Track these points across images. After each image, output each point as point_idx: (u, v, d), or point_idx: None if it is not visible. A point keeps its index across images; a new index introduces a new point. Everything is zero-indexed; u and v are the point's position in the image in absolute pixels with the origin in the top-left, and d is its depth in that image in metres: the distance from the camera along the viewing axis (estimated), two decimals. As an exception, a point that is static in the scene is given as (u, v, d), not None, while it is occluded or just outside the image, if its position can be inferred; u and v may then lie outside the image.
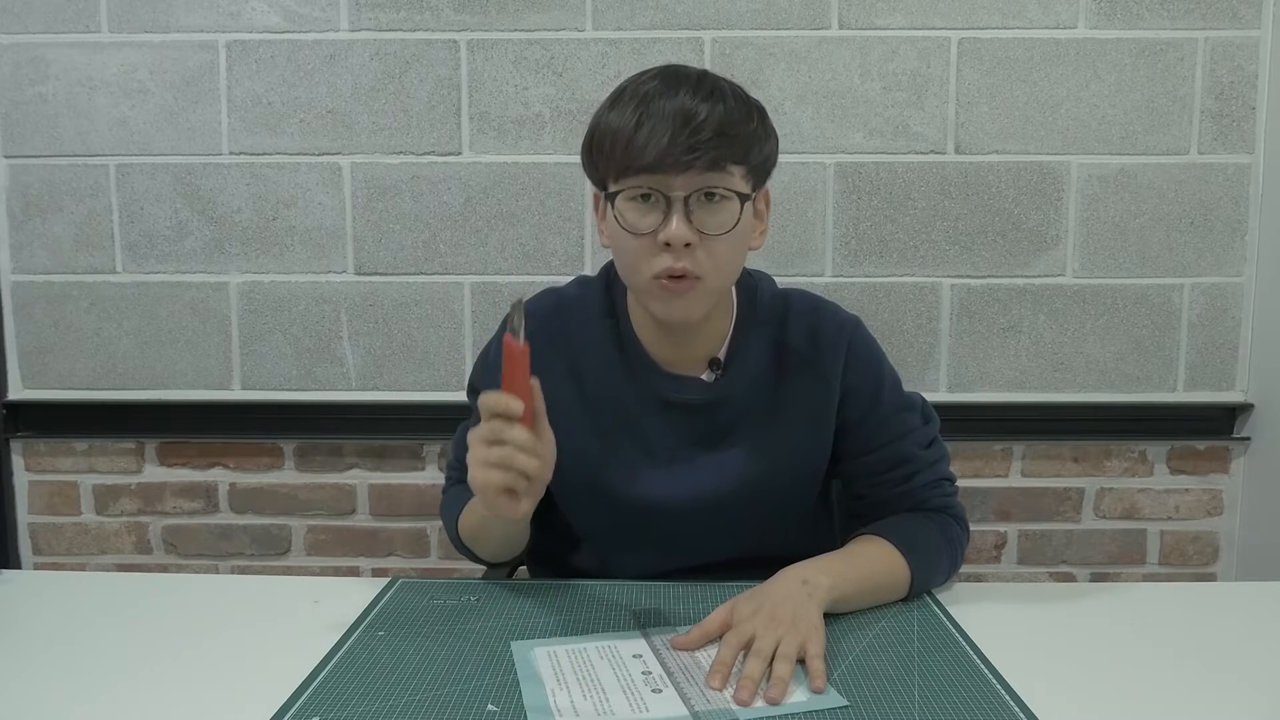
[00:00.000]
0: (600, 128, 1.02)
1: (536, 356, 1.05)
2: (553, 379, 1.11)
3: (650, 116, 0.97)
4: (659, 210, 0.99)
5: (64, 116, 1.90)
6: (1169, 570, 2.00)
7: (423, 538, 2.01)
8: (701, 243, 0.99)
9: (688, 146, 0.95)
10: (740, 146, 0.99)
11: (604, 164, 1.01)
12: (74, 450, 2.00)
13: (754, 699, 0.82)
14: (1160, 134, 1.88)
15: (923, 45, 1.86)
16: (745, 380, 1.11)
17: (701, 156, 0.96)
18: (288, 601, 1.06)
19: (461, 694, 0.83)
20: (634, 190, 0.99)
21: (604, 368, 1.12)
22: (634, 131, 0.97)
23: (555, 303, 1.16)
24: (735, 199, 1.00)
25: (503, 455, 0.88)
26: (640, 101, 0.98)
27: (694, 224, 0.98)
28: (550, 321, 1.13)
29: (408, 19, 1.87)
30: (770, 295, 1.15)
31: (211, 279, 1.94)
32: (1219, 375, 1.94)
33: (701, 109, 0.97)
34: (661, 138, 0.96)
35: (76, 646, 0.95)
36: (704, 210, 0.99)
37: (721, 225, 0.99)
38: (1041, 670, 0.89)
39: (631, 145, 0.97)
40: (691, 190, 0.98)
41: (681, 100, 0.97)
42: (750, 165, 1.01)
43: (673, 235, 0.97)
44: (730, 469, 1.11)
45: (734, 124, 0.98)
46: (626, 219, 1.00)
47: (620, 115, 0.99)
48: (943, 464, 1.15)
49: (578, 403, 1.12)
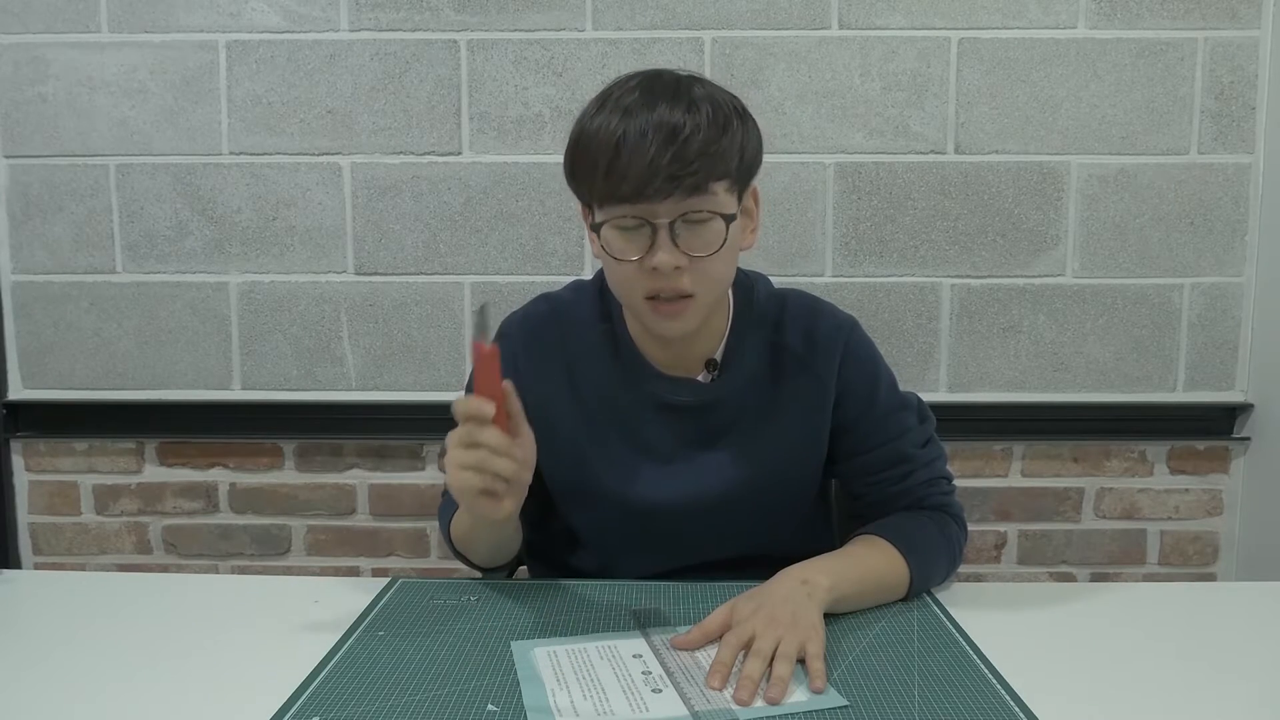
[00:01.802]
0: (580, 144, 1.00)
1: (533, 362, 1.05)
2: (550, 384, 1.11)
3: (628, 137, 0.95)
4: (645, 236, 0.98)
5: (64, 116, 1.90)
6: (1169, 570, 2.00)
7: (423, 538, 2.01)
8: (691, 264, 0.99)
9: (668, 175, 0.94)
10: (722, 163, 0.97)
11: (586, 189, 1.01)
12: (74, 450, 2.00)
13: (754, 699, 0.82)
14: (1160, 134, 1.88)
15: (923, 45, 1.86)
16: (742, 381, 1.11)
17: (683, 182, 0.95)
18: (288, 601, 1.06)
19: (461, 694, 0.83)
20: (618, 219, 0.98)
21: (600, 371, 1.12)
22: (613, 157, 0.95)
23: (550, 308, 1.15)
24: (721, 219, 0.99)
25: (478, 458, 0.89)
26: (620, 118, 0.96)
27: (681, 247, 0.98)
28: (545, 327, 1.14)
29: (408, 19, 1.87)
30: (766, 296, 1.15)
31: (211, 279, 1.94)
32: (1219, 375, 1.94)
33: (682, 127, 0.95)
34: (641, 164, 0.94)
35: (76, 646, 0.95)
36: (690, 233, 0.98)
37: (708, 246, 0.99)
38: (1041, 670, 0.89)
39: (611, 173, 0.96)
40: (675, 215, 0.97)
41: (660, 116, 0.95)
42: (734, 176, 1.00)
43: (660, 262, 0.97)
44: (728, 469, 1.11)
45: (714, 140, 0.96)
46: (614, 246, 1.00)
47: (598, 131, 0.97)
48: (939, 463, 1.15)
49: (575, 406, 1.12)
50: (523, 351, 1.12)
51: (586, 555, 1.18)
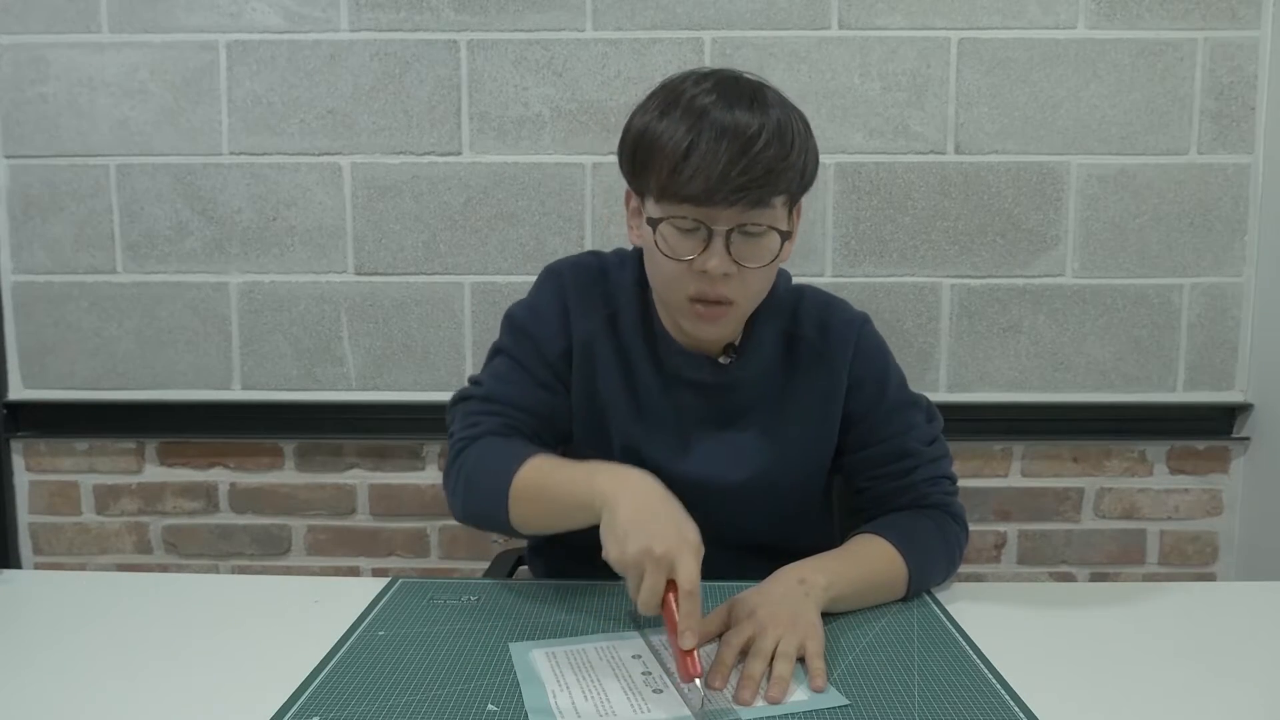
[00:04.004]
0: (646, 137, 1.00)
1: (582, 303, 1.10)
2: (594, 325, 1.13)
3: (701, 142, 0.95)
4: (700, 238, 0.99)
5: (64, 116, 1.90)
6: (1169, 570, 2.00)
7: (423, 538, 2.01)
8: (739, 273, 1.00)
9: (736, 186, 0.94)
10: (785, 179, 0.98)
11: (647, 180, 1.01)
12: (74, 450, 2.00)
13: (755, 698, 0.82)
14: (1160, 134, 1.88)
15: (923, 45, 1.86)
16: (757, 366, 1.13)
17: (749, 195, 0.95)
18: (288, 601, 1.07)
19: (461, 694, 0.83)
20: (678, 218, 0.99)
21: (631, 328, 1.13)
22: (684, 158, 0.95)
23: (599, 264, 1.17)
24: (777, 234, 1.00)
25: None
26: (695, 120, 0.96)
27: (734, 256, 0.98)
28: (593, 278, 1.15)
29: (408, 19, 1.87)
30: (784, 289, 1.17)
31: (212, 279, 1.94)
32: (1218, 375, 1.94)
33: (756, 139, 0.95)
34: (713, 170, 0.94)
35: (76, 646, 0.95)
36: (744, 243, 0.99)
37: (760, 259, 1.00)
38: (1041, 670, 0.89)
39: (680, 173, 0.96)
40: (734, 225, 0.97)
41: (736, 123, 0.95)
42: (793, 193, 1.01)
43: (713, 268, 0.98)
44: (738, 454, 1.13)
45: (783, 157, 0.96)
46: (668, 243, 1.00)
47: (671, 130, 0.97)
48: (944, 462, 1.16)
49: (615, 354, 1.13)
50: (572, 290, 1.14)
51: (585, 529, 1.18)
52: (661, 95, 1.01)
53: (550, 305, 1.14)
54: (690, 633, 0.82)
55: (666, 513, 0.89)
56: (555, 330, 1.13)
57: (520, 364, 1.13)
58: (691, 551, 0.85)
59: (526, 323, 1.14)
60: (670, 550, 0.84)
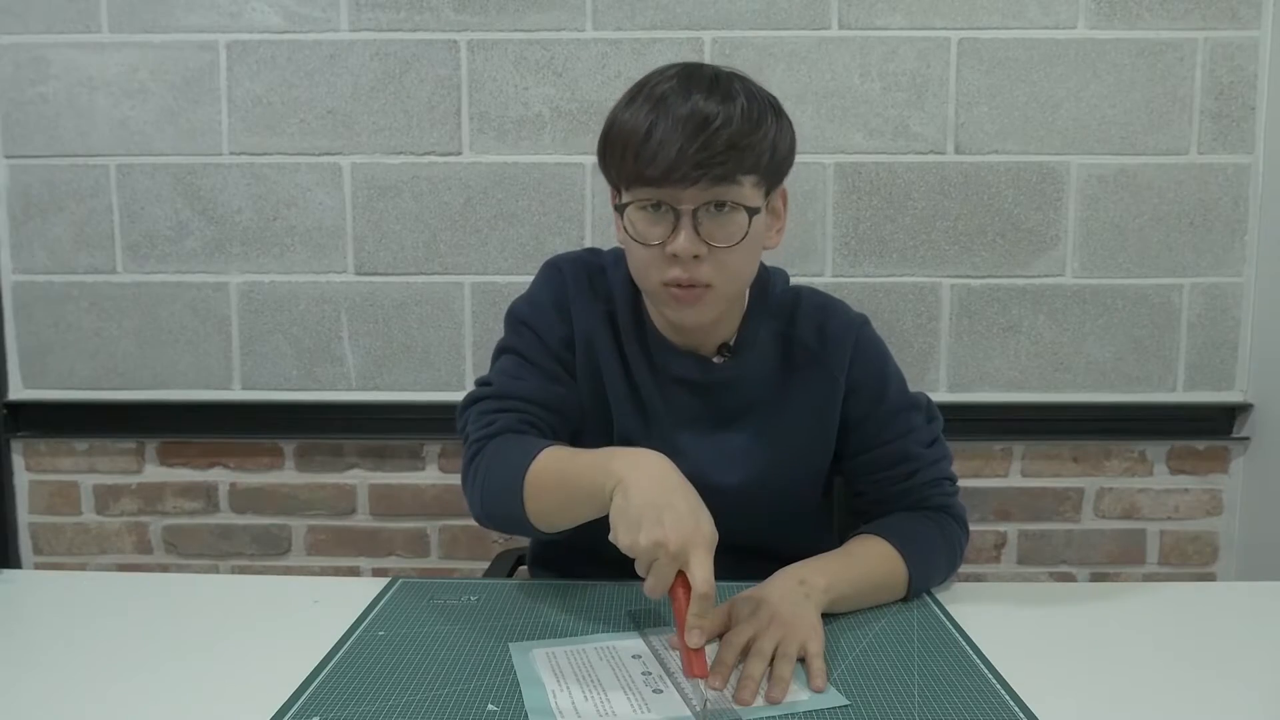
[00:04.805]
0: (613, 129, 1.01)
1: (583, 298, 1.10)
2: (594, 322, 1.13)
3: (660, 124, 0.96)
4: (668, 221, 0.99)
5: (64, 116, 1.90)
6: (1169, 570, 2.00)
7: (423, 538, 2.01)
8: (710, 254, 0.99)
9: (696, 162, 0.95)
10: (751, 156, 0.98)
11: (615, 170, 1.02)
12: (74, 450, 2.00)
13: (755, 698, 0.82)
14: (1160, 134, 1.88)
15: (922, 45, 1.86)
16: (753, 367, 1.13)
17: (710, 171, 0.96)
18: (288, 601, 1.07)
19: (461, 694, 0.83)
20: (643, 201, 0.99)
21: (627, 326, 1.13)
22: (643, 141, 0.96)
23: (599, 262, 1.17)
24: (744, 211, 1.00)
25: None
26: (654, 105, 0.98)
27: (702, 235, 0.98)
28: (594, 274, 1.15)
29: (408, 19, 1.87)
30: (781, 290, 1.17)
31: (211, 279, 1.94)
32: (1218, 375, 1.94)
33: (714, 117, 0.95)
34: (670, 149, 0.95)
35: (76, 646, 0.95)
36: (713, 221, 0.99)
37: (730, 237, 1.00)
38: (1041, 670, 0.89)
39: (640, 156, 0.97)
40: (700, 203, 0.98)
41: (694, 105, 0.96)
42: (762, 172, 1.01)
43: (680, 248, 0.98)
44: (732, 456, 1.12)
45: (745, 134, 0.97)
46: (636, 228, 1.01)
47: (633, 117, 0.99)
48: (944, 464, 1.16)
49: (614, 352, 1.13)
50: (572, 283, 1.14)
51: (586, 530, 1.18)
52: (631, 89, 1.03)
53: (551, 297, 1.14)
54: (698, 631, 0.82)
55: (684, 502, 0.87)
56: (557, 320, 1.13)
57: (527, 359, 1.13)
58: (706, 548, 0.84)
59: (528, 316, 1.14)
60: (685, 546, 0.83)
